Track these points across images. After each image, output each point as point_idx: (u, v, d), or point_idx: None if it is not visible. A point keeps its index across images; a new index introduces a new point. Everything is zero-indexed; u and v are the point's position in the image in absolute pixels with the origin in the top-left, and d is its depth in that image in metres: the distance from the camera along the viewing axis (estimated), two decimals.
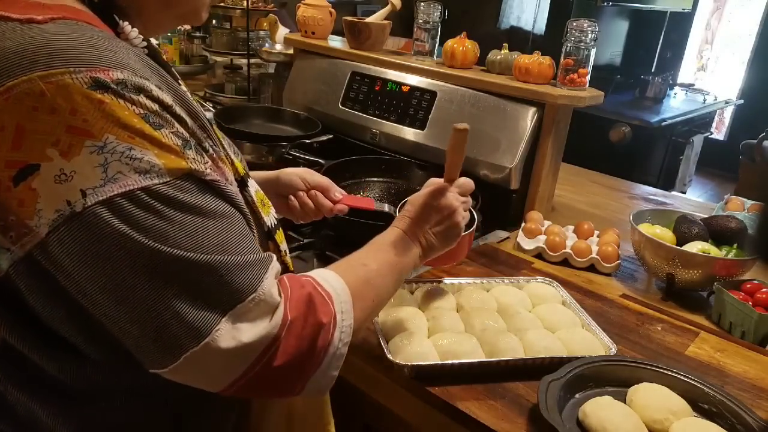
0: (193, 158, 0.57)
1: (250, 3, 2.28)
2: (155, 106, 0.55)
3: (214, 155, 0.62)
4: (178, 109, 0.57)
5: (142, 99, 0.54)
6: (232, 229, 0.58)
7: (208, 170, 0.58)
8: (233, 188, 0.62)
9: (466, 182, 0.90)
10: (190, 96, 0.66)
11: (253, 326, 0.57)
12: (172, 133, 0.55)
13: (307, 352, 0.60)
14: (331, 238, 1.34)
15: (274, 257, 0.63)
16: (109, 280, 0.53)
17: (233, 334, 0.56)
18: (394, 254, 0.79)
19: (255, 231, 0.66)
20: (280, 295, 0.60)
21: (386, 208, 1.09)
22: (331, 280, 0.67)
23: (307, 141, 1.64)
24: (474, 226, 1.13)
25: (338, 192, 1.04)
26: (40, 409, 0.61)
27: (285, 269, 0.72)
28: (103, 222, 0.51)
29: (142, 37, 0.64)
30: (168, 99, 0.56)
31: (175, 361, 0.55)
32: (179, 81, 0.70)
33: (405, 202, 1.13)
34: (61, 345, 0.59)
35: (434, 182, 0.88)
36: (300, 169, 1.03)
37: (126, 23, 0.62)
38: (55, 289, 0.54)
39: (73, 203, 0.50)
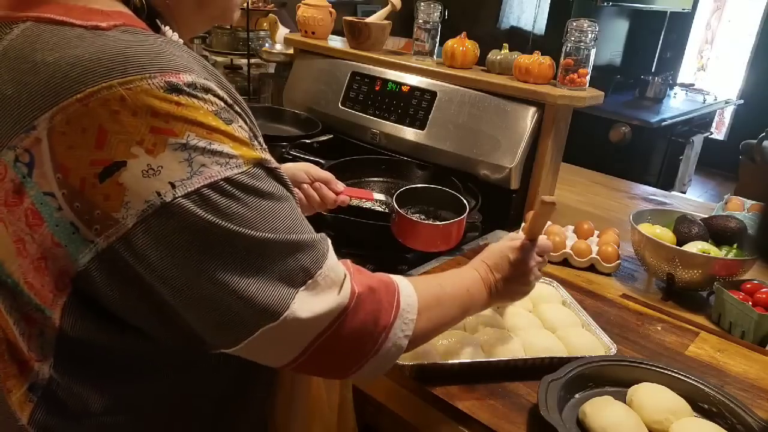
0: (261, 149, 0.61)
1: (250, 3, 2.28)
2: (222, 104, 0.58)
3: (265, 147, 0.65)
4: (237, 107, 0.61)
5: (211, 98, 0.57)
6: (295, 211, 0.62)
7: (271, 159, 0.62)
8: (287, 176, 0.66)
9: (546, 244, 0.95)
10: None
11: (324, 297, 0.61)
12: (239, 126, 0.59)
13: (370, 329, 0.64)
14: (331, 237, 1.33)
15: (327, 237, 0.67)
16: (194, 267, 0.55)
17: (308, 305, 0.60)
18: (467, 289, 0.84)
19: None
20: (344, 269, 0.64)
21: (383, 197, 1.13)
22: (398, 278, 0.71)
23: (308, 141, 1.64)
24: (465, 214, 1.16)
25: (339, 184, 1.11)
26: (97, 397, 0.63)
27: None
28: (191, 211, 0.54)
29: (182, 41, 0.66)
30: (228, 98, 0.60)
31: (251, 336, 0.58)
32: (224, 79, 0.72)
33: (406, 189, 1.19)
34: (128, 330, 0.61)
35: (515, 237, 0.94)
36: (302, 163, 1.10)
37: (167, 27, 0.65)
38: (132, 279, 0.56)
39: (164, 194, 0.53)
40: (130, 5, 0.61)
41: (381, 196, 1.14)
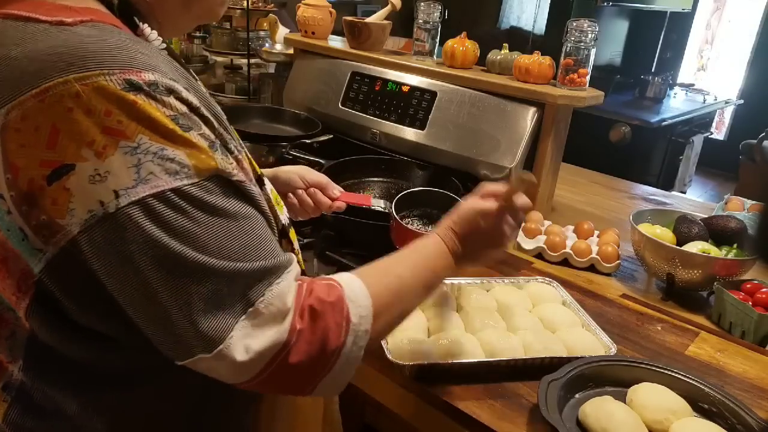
0: (221, 159, 0.57)
1: (250, 3, 2.28)
2: (184, 108, 0.56)
3: (238, 155, 0.62)
4: (205, 111, 0.58)
5: (173, 101, 0.55)
6: (253, 232, 0.59)
7: (234, 171, 0.59)
8: (256, 188, 0.63)
9: (525, 204, 0.84)
10: (210, 97, 0.67)
11: (264, 333, 0.57)
12: (200, 134, 0.56)
13: (317, 358, 0.60)
14: (331, 237, 1.34)
15: (294, 260, 0.64)
16: (134, 280, 0.53)
17: (245, 342, 0.56)
18: (431, 269, 0.77)
19: (275, 230, 0.67)
20: (293, 300, 0.60)
21: (382, 204, 1.11)
22: (353, 284, 0.66)
23: (307, 141, 1.64)
24: None
25: (336, 189, 1.05)
26: (69, 401, 0.62)
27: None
28: (134, 223, 0.52)
29: (161, 39, 0.64)
30: (195, 101, 0.57)
31: (190, 359, 0.57)
32: (198, 82, 0.71)
33: (405, 194, 1.14)
34: (92, 335, 0.60)
35: (487, 192, 0.84)
36: (298, 167, 1.04)
37: (145, 25, 0.63)
38: (88, 286, 0.55)
39: (106, 204, 0.51)
40: (104, 2, 0.59)
41: (380, 202, 1.11)
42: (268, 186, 0.71)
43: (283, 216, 0.72)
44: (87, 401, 0.62)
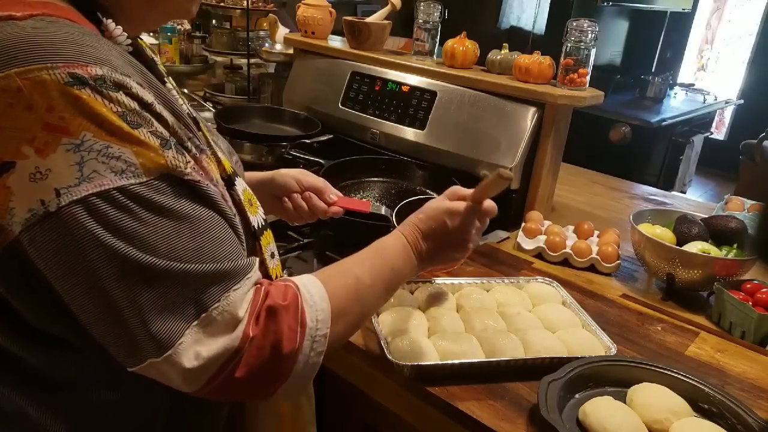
0: (173, 157, 0.55)
1: (250, 3, 2.28)
2: (134, 104, 0.54)
3: (197, 154, 0.60)
4: (159, 108, 0.57)
5: (121, 96, 0.53)
6: (207, 235, 0.57)
7: (189, 170, 0.57)
8: (216, 189, 0.61)
9: (491, 208, 0.84)
10: (176, 94, 0.65)
11: (215, 340, 0.56)
12: (150, 132, 0.54)
13: (270, 364, 0.59)
14: (331, 238, 1.34)
15: (256, 265, 0.62)
16: (80, 281, 0.52)
17: (195, 349, 0.55)
18: (392, 267, 0.76)
19: (241, 232, 0.65)
20: (248, 307, 0.59)
21: (383, 210, 1.09)
22: (310, 286, 0.64)
23: (307, 141, 1.64)
24: None
25: (333, 194, 1.02)
26: (29, 404, 0.61)
27: (265, 272, 0.70)
28: (77, 222, 0.50)
29: (126, 35, 0.62)
30: (149, 97, 0.56)
31: (141, 364, 0.55)
32: (165, 79, 0.69)
33: (407, 203, 1.12)
34: (47, 338, 0.59)
35: (456, 194, 0.83)
36: (295, 170, 1.02)
37: (110, 21, 0.61)
38: (35, 286, 0.54)
39: (47, 203, 0.50)
40: None
41: (380, 209, 1.09)
42: (240, 187, 0.68)
43: (257, 218, 0.70)
44: (47, 406, 0.61)
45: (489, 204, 0.83)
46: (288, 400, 0.84)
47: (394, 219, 1.13)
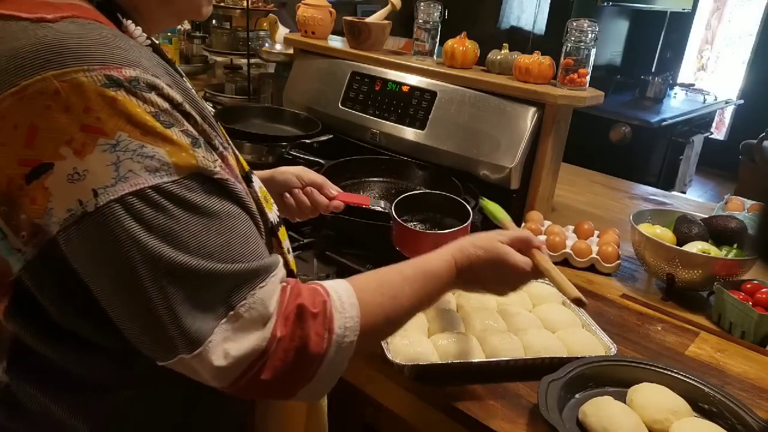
0: (203, 156, 0.57)
1: (250, 3, 2.28)
2: (166, 105, 0.55)
3: (223, 152, 0.62)
4: (188, 107, 0.58)
5: (154, 97, 0.54)
6: (236, 231, 0.58)
7: (218, 168, 0.58)
8: (241, 186, 0.62)
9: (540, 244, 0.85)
10: (195, 93, 0.66)
11: (244, 338, 0.56)
12: (182, 131, 0.56)
13: (295, 368, 0.59)
14: (331, 237, 1.34)
15: (281, 262, 0.63)
16: (115, 279, 0.53)
17: (224, 347, 0.56)
18: (431, 297, 0.74)
19: (263, 229, 0.66)
20: (276, 305, 0.59)
21: (381, 204, 1.10)
22: (341, 292, 0.64)
23: (307, 141, 1.64)
24: (468, 222, 1.14)
25: (333, 189, 1.04)
26: (54, 404, 0.62)
27: (286, 267, 0.70)
28: (114, 221, 0.51)
29: (145, 35, 0.64)
30: (178, 97, 0.57)
31: (172, 359, 0.56)
32: (184, 78, 0.70)
33: (405, 197, 1.12)
34: (74, 337, 0.59)
35: (521, 240, 0.83)
36: (294, 167, 1.04)
37: (129, 21, 0.62)
38: (67, 286, 0.55)
39: (85, 203, 0.51)
40: None
41: (379, 203, 1.10)
42: (257, 184, 0.70)
43: (272, 214, 0.71)
44: (71, 404, 0.62)
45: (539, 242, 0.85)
46: (308, 402, 0.84)
47: (393, 212, 1.13)
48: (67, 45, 0.51)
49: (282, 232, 0.74)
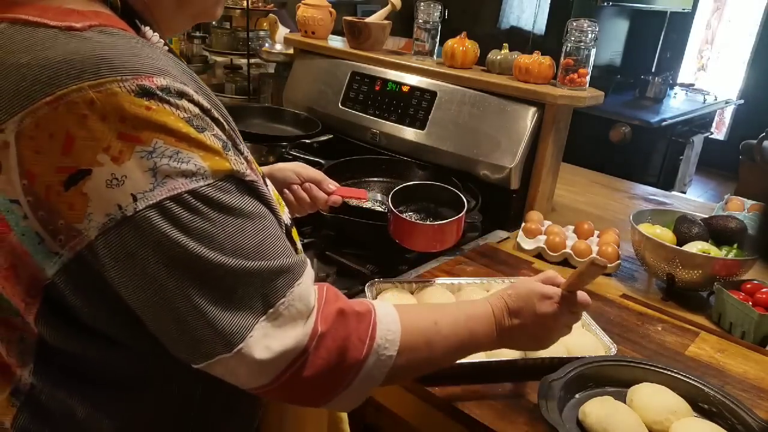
0: (234, 160, 0.58)
1: (250, 3, 2.28)
2: (197, 110, 0.56)
3: (248, 156, 0.63)
4: (215, 113, 0.59)
5: (185, 103, 0.55)
6: (268, 231, 0.59)
7: (247, 170, 0.59)
8: (266, 189, 0.63)
9: (585, 300, 0.81)
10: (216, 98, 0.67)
11: (285, 333, 0.58)
12: (213, 135, 0.57)
13: (335, 369, 0.60)
14: (331, 237, 1.34)
15: (308, 262, 0.64)
16: (152, 282, 0.54)
17: (265, 342, 0.57)
18: (472, 330, 0.75)
19: (283, 229, 0.67)
20: (314, 303, 0.61)
21: (378, 197, 1.11)
22: (385, 308, 0.66)
23: (307, 141, 1.64)
24: (463, 212, 1.14)
25: (331, 184, 1.06)
26: (79, 405, 0.62)
27: None
28: (152, 225, 0.52)
29: (162, 41, 0.65)
30: (206, 103, 0.58)
31: (209, 360, 0.57)
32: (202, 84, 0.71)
33: (401, 188, 1.12)
34: (102, 338, 0.60)
35: (550, 280, 0.82)
36: (293, 163, 1.06)
37: (147, 28, 0.63)
38: (101, 289, 0.55)
39: (125, 208, 0.52)
40: (108, 4, 0.59)
41: (376, 195, 1.11)
42: (270, 186, 0.71)
43: (285, 216, 0.72)
44: (95, 405, 0.63)
45: (583, 296, 0.80)
46: (339, 410, 0.85)
47: (390, 202, 1.14)
48: (100, 55, 0.52)
49: (294, 233, 0.75)
